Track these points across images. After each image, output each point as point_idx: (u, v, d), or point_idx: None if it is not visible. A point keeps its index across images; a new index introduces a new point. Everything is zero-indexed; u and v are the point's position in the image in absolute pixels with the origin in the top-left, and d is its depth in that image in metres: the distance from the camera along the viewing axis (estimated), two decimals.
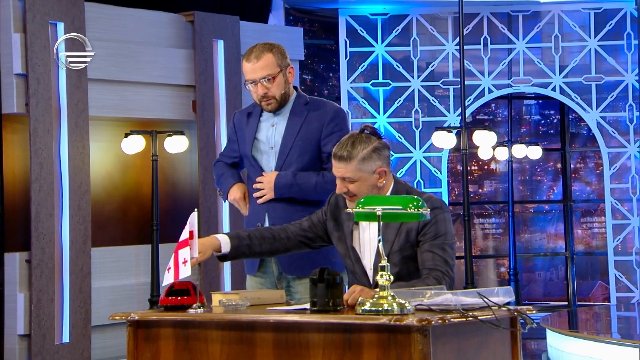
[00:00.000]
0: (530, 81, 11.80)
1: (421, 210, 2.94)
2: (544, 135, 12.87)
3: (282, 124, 4.31)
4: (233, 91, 8.77)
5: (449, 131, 9.12)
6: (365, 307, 2.91)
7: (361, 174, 3.58)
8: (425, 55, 11.75)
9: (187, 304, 3.29)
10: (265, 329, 3.04)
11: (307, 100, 4.35)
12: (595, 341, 7.73)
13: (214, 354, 3.12)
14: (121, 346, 8.06)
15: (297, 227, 3.82)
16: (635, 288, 11.60)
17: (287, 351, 3.00)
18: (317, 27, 11.69)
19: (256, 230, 3.82)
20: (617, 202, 11.76)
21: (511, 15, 11.85)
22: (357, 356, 2.86)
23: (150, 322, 3.28)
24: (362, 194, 3.58)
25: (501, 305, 2.95)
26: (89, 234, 7.78)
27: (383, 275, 2.89)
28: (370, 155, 3.58)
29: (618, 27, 11.78)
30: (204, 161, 8.58)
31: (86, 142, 7.82)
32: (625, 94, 11.78)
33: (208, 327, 3.17)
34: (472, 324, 2.91)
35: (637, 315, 10.50)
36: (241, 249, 3.73)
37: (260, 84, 4.22)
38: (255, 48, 4.27)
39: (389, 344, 2.80)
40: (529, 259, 12.78)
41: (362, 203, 3.05)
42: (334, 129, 4.24)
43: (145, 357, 3.25)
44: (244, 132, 4.37)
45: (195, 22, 8.66)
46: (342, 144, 3.61)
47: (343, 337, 2.90)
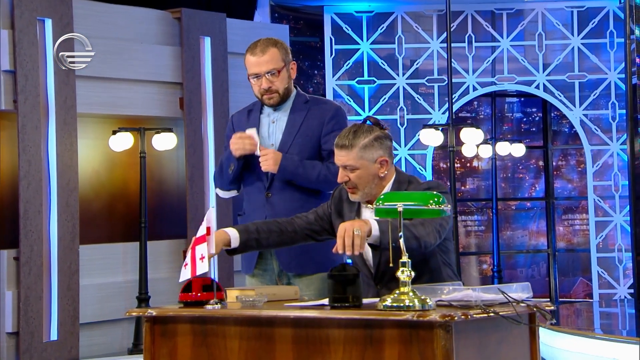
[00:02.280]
0: (514, 79, 11.87)
1: (442, 207, 2.95)
2: (526, 133, 12.94)
3: (283, 120, 4.32)
4: (220, 88, 8.76)
5: (436, 129, 9.15)
6: (387, 303, 2.91)
7: (362, 162, 3.60)
8: (410, 53, 11.79)
9: (205, 300, 3.30)
10: (285, 325, 3.05)
11: (307, 98, 4.36)
12: (580, 336, 7.78)
13: (233, 349, 3.11)
14: (109, 343, 8.15)
15: (304, 220, 3.83)
16: (617, 284, 11.70)
17: (307, 347, 3.00)
18: (302, 25, 11.70)
19: (263, 223, 3.82)
20: (600, 200, 11.85)
21: (495, 13, 11.91)
22: (379, 352, 2.86)
23: (168, 318, 3.26)
24: (362, 183, 3.61)
25: (520, 301, 2.97)
26: (77, 232, 7.76)
27: (404, 272, 2.90)
28: (372, 143, 3.61)
29: (601, 25, 11.87)
30: (191, 158, 8.57)
31: (74, 139, 7.79)
32: (608, 92, 11.87)
33: (226, 323, 3.17)
34: (492, 320, 2.92)
35: (619, 312, 10.57)
36: (250, 242, 3.74)
37: (265, 77, 4.23)
38: (260, 42, 4.28)
39: (411, 340, 2.80)
40: (511, 256, 12.85)
41: (383, 199, 3.06)
42: (334, 127, 4.25)
43: (162, 352, 3.23)
44: (245, 129, 4.37)
45: (182, 19, 8.65)
46: (344, 133, 3.65)
47: (364, 333, 2.90)
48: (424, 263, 3.49)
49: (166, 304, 8.22)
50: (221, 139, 8.72)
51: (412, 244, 3.31)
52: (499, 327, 2.97)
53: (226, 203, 8.67)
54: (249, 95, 8.95)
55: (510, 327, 2.96)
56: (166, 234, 8.62)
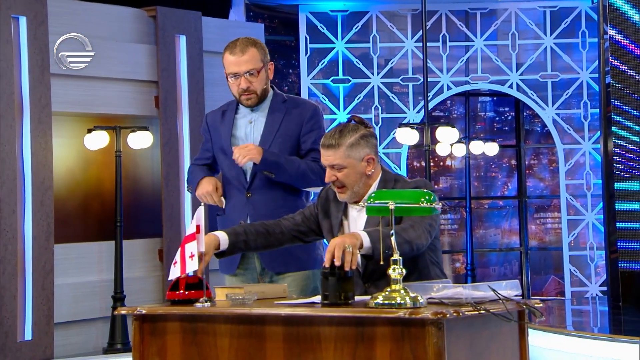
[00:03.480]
0: (487, 78, 11.94)
1: (433, 205, 2.97)
2: (499, 132, 13.01)
3: (261, 120, 4.31)
4: (196, 87, 8.74)
5: (412, 127, 9.19)
6: (378, 301, 2.92)
7: (349, 161, 3.61)
8: (384, 52, 11.83)
9: (194, 298, 3.30)
10: (276, 323, 3.05)
11: (285, 98, 4.36)
12: (553, 333, 7.83)
13: (223, 347, 3.11)
14: (84, 343, 8.11)
15: (291, 222, 3.84)
16: (589, 282, 11.79)
17: (298, 344, 3.01)
18: (277, 24, 11.70)
19: (251, 226, 3.82)
20: (572, 198, 11.94)
21: (469, 13, 11.97)
22: (370, 349, 2.87)
23: (157, 316, 3.26)
24: (350, 182, 3.62)
25: (509, 298, 3.00)
26: (51, 231, 7.71)
27: (395, 269, 2.91)
28: (358, 142, 3.63)
29: (573, 25, 11.97)
30: (167, 157, 8.54)
31: (49, 137, 7.74)
32: (580, 91, 11.96)
33: (216, 321, 3.17)
34: (482, 317, 2.94)
35: (590, 309, 10.66)
36: (238, 244, 3.74)
37: (244, 77, 4.22)
38: (239, 42, 4.26)
39: (402, 337, 2.81)
40: (484, 254, 12.92)
41: (374, 197, 3.07)
42: (314, 127, 4.27)
43: (151, 351, 3.23)
44: (219, 130, 4.37)
45: (157, 18, 8.61)
46: (330, 133, 3.66)
47: (355, 331, 2.91)
48: (413, 262, 3.50)
49: (142, 303, 8.26)
50: (197, 137, 8.70)
51: (405, 248, 3.32)
52: (489, 324, 2.99)
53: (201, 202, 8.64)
54: (224, 94, 8.93)
55: (500, 324, 2.99)
56: (141, 233, 8.59)
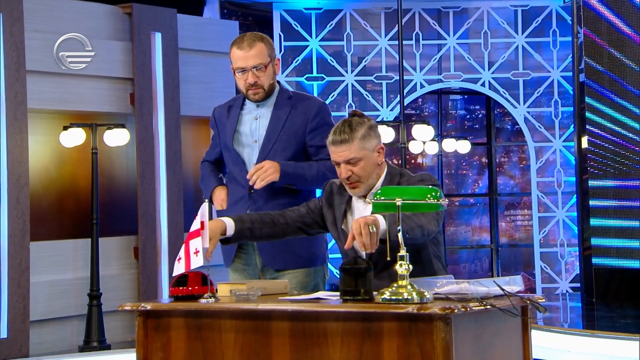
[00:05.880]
0: (460, 76, 12.01)
1: (439, 201, 2.99)
2: (470, 130, 13.08)
3: (266, 117, 4.29)
4: (171, 84, 8.72)
5: (387, 125, 9.23)
6: (385, 296, 2.93)
7: (364, 152, 3.62)
8: (358, 50, 11.86)
9: (198, 294, 3.30)
10: (282, 318, 3.06)
11: (291, 94, 4.34)
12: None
13: (228, 343, 3.12)
14: (59, 341, 8.07)
15: (296, 214, 3.84)
16: (559, 279, 11.90)
17: (304, 340, 3.01)
18: (251, 21, 11.68)
19: (257, 215, 3.82)
20: (543, 195, 12.05)
21: (442, 11, 12.03)
22: (377, 345, 2.88)
23: (161, 312, 3.25)
24: (366, 175, 3.64)
25: (514, 294, 3.03)
26: (27, 228, 7.66)
27: (402, 265, 2.93)
28: (368, 133, 3.65)
29: (544, 24, 12.07)
30: (143, 155, 8.52)
31: (25, 135, 7.69)
32: (551, 90, 12.07)
33: (221, 317, 3.18)
34: (487, 313, 2.96)
35: (560, 305, 10.76)
36: (244, 232, 3.74)
37: (251, 72, 4.20)
38: (246, 37, 4.24)
39: (410, 333, 2.83)
40: (455, 251, 12.99)
41: (380, 194, 3.08)
42: (319, 123, 4.24)
43: (155, 346, 3.22)
44: (225, 125, 4.35)
45: (133, 15, 8.59)
46: (339, 129, 3.65)
47: (362, 326, 2.92)
48: (416, 255, 3.51)
49: (118, 301, 8.23)
50: (172, 135, 8.69)
51: (417, 232, 3.34)
52: (493, 319, 3.02)
53: (177, 198, 8.64)
54: (199, 91, 9.00)
55: (504, 320, 3.01)
56: (117, 230, 8.56)
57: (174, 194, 8.65)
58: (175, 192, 8.65)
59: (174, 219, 8.63)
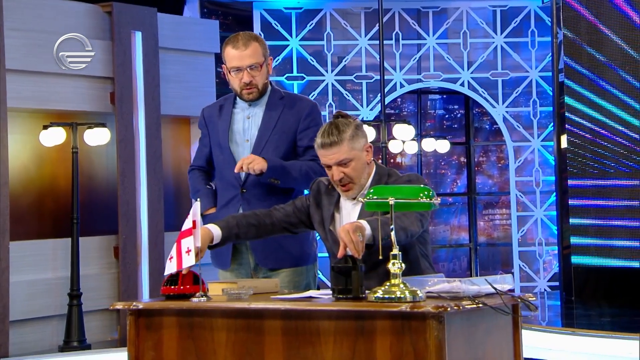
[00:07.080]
0: (439, 76, 12.05)
1: (432, 200, 3.00)
2: (448, 129, 13.12)
3: (258, 116, 4.30)
4: (151, 83, 8.70)
5: (368, 124, 9.24)
6: (378, 295, 2.94)
7: (354, 152, 3.63)
8: (338, 50, 11.88)
9: (190, 293, 3.30)
10: (274, 317, 3.06)
11: (283, 94, 4.35)
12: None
13: (220, 341, 3.12)
14: (39, 341, 8.03)
15: (282, 213, 3.85)
16: (538, 277, 11.97)
17: (296, 338, 3.01)
18: (231, 20, 11.66)
19: (243, 217, 3.83)
20: (522, 195, 12.11)
21: (421, 11, 12.07)
22: (370, 343, 2.89)
23: (153, 311, 3.25)
24: (357, 175, 3.64)
25: (505, 292, 3.05)
26: (7, 228, 7.62)
27: (395, 264, 2.94)
28: (356, 133, 3.66)
29: (522, 24, 12.13)
30: (123, 154, 8.49)
31: (4, 134, 7.65)
32: (529, 90, 12.13)
33: (213, 316, 3.18)
34: (479, 311, 2.98)
35: (539, 304, 10.82)
36: (230, 237, 3.76)
37: (246, 71, 4.20)
38: (241, 36, 4.25)
39: (402, 331, 2.84)
40: (433, 250, 12.94)
41: (372, 193, 3.09)
42: (311, 124, 4.27)
43: (147, 345, 3.22)
44: (216, 125, 4.35)
45: (113, 13, 8.55)
46: (326, 132, 3.65)
47: (355, 325, 2.93)
48: (404, 255, 3.51)
49: (98, 301, 8.26)
50: (153, 134, 8.67)
51: (400, 235, 3.35)
52: (485, 317, 3.03)
53: (157, 198, 8.62)
54: (180, 90, 8.97)
55: (495, 318, 3.03)
56: (97, 230, 8.53)
57: (155, 193, 8.63)
58: (155, 191, 8.63)
59: (155, 218, 8.60)
